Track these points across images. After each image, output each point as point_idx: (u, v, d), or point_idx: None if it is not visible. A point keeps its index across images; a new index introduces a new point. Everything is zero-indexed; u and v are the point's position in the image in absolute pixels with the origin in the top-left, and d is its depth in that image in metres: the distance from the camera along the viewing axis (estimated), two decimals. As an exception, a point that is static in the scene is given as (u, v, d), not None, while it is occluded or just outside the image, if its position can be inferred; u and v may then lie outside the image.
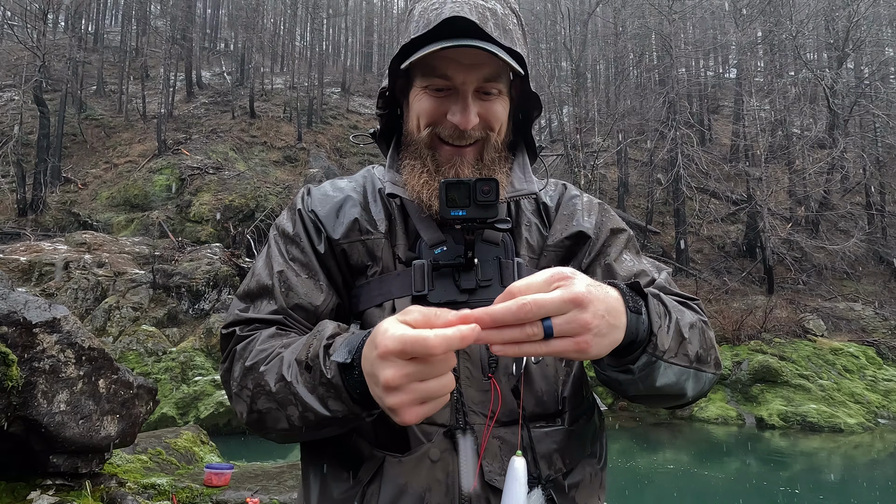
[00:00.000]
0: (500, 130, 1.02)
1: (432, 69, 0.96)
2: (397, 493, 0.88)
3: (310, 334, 0.88)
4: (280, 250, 1.03)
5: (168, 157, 22.06)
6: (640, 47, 26.97)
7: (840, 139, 20.05)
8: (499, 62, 0.93)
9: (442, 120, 0.99)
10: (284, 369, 0.85)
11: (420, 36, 0.94)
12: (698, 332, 0.91)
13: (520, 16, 1.07)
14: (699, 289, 18.39)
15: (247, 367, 0.90)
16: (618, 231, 1.10)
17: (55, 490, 3.46)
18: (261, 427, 0.90)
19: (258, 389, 0.88)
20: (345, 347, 0.79)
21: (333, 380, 0.79)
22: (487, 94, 0.98)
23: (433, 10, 0.97)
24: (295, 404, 0.84)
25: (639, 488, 9.43)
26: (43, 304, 3.41)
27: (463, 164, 0.99)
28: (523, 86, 1.05)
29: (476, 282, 0.96)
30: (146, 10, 32.79)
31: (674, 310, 0.88)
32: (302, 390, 0.83)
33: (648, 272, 1.05)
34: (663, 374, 0.84)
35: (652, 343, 0.81)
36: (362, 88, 34.28)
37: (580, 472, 0.96)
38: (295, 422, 0.85)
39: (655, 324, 0.82)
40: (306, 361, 0.83)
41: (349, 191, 1.08)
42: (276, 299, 0.98)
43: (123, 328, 12.89)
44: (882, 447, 11.57)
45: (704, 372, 0.91)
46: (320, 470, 0.96)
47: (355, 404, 0.79)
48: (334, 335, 0.85)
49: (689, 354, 0.87)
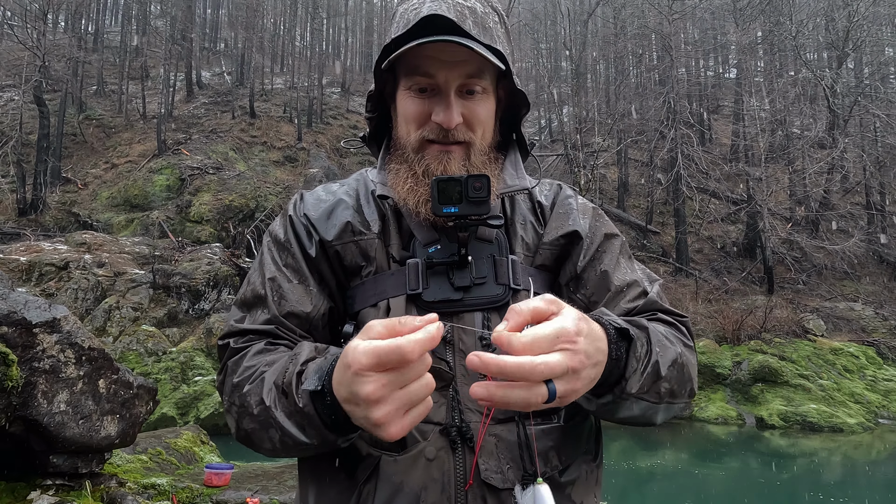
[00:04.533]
0: (483, 134, 1.02)
1: (414, 68, 0.97)
2: (393, 491, 0.88)
3: (288, 355, 0.88)
4: (272, 257, 1.04)
5: (168, 157, 22.06)
6: (640, 47, 26.97)
7: (840, 139, 20.05)
8: (479, 60, 0.94)
9: (427, 121, 0.99)
10: (265, 393, 0.85)
11: (400, 36, 0.95)
12: (677, 370, 0.91)
13: (502, 14, 1.07)
14: (699, 289, 18.40)
15: (234, 384, 0.91)
16: (611, 236, 1.10)
17: (55, 490, 3.46)
18: (249, 444, 0.91)
19: (242, 410, 0.88)
20: (315, 375, 0.79)
21: (305, 408, 0.79)
22: (471, 92, 0.99)
23: (412, 10, 0.98)
24: (275, 427, 0.84)
25: (639, 488, 9.43)
26: (43, 304, 3.41)
27: (451, 161, 0.99)
28: (510, 84, 1.05)
29: (471, 279, 0.97)
30: (146, 10, 32.80)
31: (658, 347, 0.88)
32: (280, 416, 0.83)
33: (640, 282, 1.05)
34: (627, 408, 0.86)
35: (619, 386, 0.82)
36: (362, 88, 34.28)
37: (576, 470, 0.96)
38: (276, 444, 0.85)
39: (630, 369, 0.83)
40: (282, 387, 0.83)
41: (341, 194, 1.08)
42: (268, 308, 0.98)
43: (123, 328, 12.89)
44: (882, 447, 11.57)
45: (675, 404, 0.92)
46: (317, 470, 0.96)
47: (329, 431, 0.79)
48: (308, 360, 0.84)
49: (661, 392, 0.88)
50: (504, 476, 0.88)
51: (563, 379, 0.68)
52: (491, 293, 0.97)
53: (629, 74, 27.01)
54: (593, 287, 1.03)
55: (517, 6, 27.06)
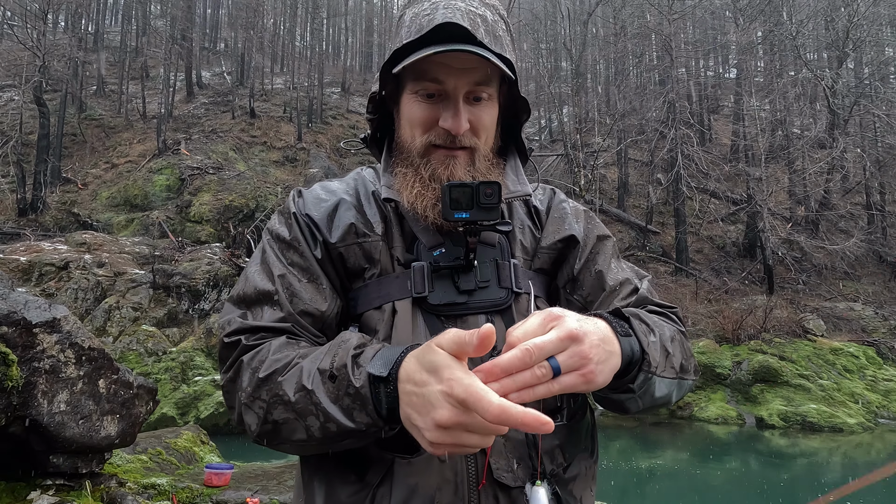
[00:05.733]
0: (487, 139, 1.04)
1: (423, 73, 0.98)
2: (408, 493, 0.88)
3: (331, 344, 0.87)
4: (277, 255, 1.02)
5: (168, 157, 22.07)
6: (640, 47, 26.97)
7: (840, 139, 20.05)
8: (488, 67, 0.95)
9: (434, 126, 1.00)
10: (305, 379, 0.84)
11: (411, 41, 0.95)
12: (679, 345, 0.97)
13: (508, 22, 1.09)
14: (699, 289, 18.40)
15: (261, 378, 0.88)
16: (603, 238, 1.14)
17: (55, 490, 3.46)
18: (274, 437, 0.88)
19: (275, 399, 0.86)
20: (380, 360, 0.79)
21: (362, 390, 0.78)
22: (478, 99, 1.00)
23: (425, 16, 0.98)
24: (316, 414, 0.82)
25: (639, 488, 9.43)
26: (43, 304, 3.40)
27: (456, 165, 1.00)
28: (511, 90, 1.06)
29: (475, 283, 0.98)
30: (146, 10, 32.81)
31: (655, 327, 0.93)
32: (325, 400, 0.81)
33: (631, 280, 1.10)
34: (658, 387, 0.90)
35: (646, 361, 0.87)
36: (362, 88, 34.28)
37: (577, 467, 0.98)
38: (315, 433, 0.83)
39: (644, 342, 0.87)
40: (331, 371, 0.82)
41: (342, 193, 1.08)
42: (280, 306, 0.96)
43: (123, 328, 12.90)
44: (882, 447, 11.57)
45: (687, 380, 0.98)
46: (325, 473, 0.95)
47: (380, 418, 0.79)
48: (361, 345, 0.84)
49: (675, 367, 0.93)
50: (515, 475, 0.90)
51: (565, 353, 0.71)
52: (494, 296, 0.98)
53: (629, 74, 27.01)
54: (589, 288, 1.07)
55: (517, 6, 27.07)
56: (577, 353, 0.71)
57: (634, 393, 0.87)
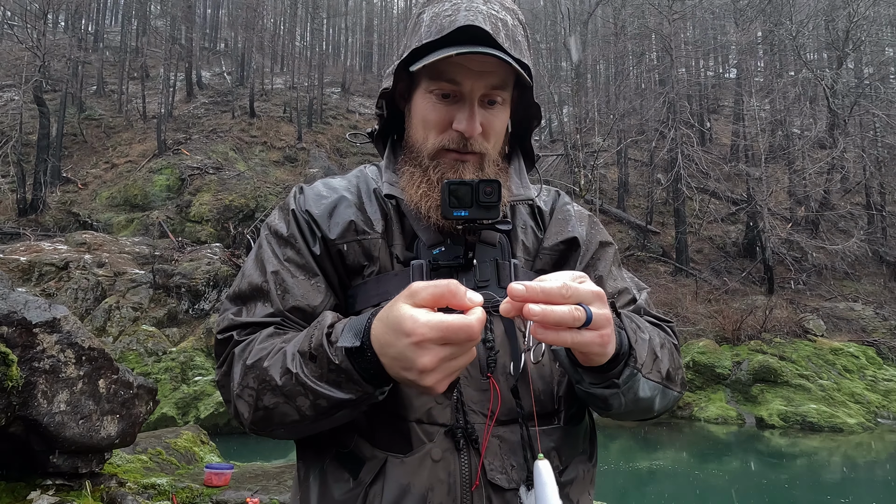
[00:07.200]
0: (496, 144, 1.04)
1: (441, 73, 0.97)
2: (401, 493, 0.88)
3: (310, 326, 0.88)
4: (273, 251, 1.02)
5: (168, 157, 22.07)
6: (640, 47, 26.97)
7: (840, 139, 20.05)
8: (505, 71, 0.96)
9: (447, 128, 1.00)
10: (289, 362, 0.85)
11: (431, 41, 0.96)
12: (668, 353, 0.96)
13: (526, 27, 1.09)
14: (699, 289, 18.41)
15: (248, 365, 0.89)
16: (606, 244, 1.14)
17: (55, 490, 3.46)
18: (267, 424, 0.89)
19: (262, 385, 0.87)
20: (350, 332, 0.80)
21: (342, 364, 0.79)
22: (492, 102, 1.00)
23: (446, 17, 0.98)
24: (304, 394, 0.83)
25: (639, 488, 9.43)
26: (43, 304, 3.40)
27: (465, 170, 1.00)
28: (523, 96, 1.07)
29: (475, 282, 0.97)
30: (146, 10, 32.81)
31: (646, 330, 0.93)
32: (311, 379, 0.82)
33: (630, 290, 1.10)
34: (642, 388, 0.89)
35: (632, 356, 0.87)
36: (362, 88, 34.28)
37: (574, 470, 0.97)
38: (306, 411, 0.84)
39: (632, 338, 0.87)
40: (310, 352, 0.83)
41: (343, 190, 1.07)
42: (271, 302, 0.97)
43: (123, 328, 12.90)
44: (882, 447, 11.57)
45: (671, 390, 0.96)
46: (319, 471, 0.96)
47: (368, 384, 0.80)
48: (333, 323, 0.85)
49: (661, 372, 0.93)
50: (509, 476, 0.89)
51: (594, 305, 0.74)
52: (493, 296, 0.98)
53: (629, 74, 27.00)
54: None
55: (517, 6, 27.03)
56: (604, 314, 0.75)
57: (619, 388, 0.87)
